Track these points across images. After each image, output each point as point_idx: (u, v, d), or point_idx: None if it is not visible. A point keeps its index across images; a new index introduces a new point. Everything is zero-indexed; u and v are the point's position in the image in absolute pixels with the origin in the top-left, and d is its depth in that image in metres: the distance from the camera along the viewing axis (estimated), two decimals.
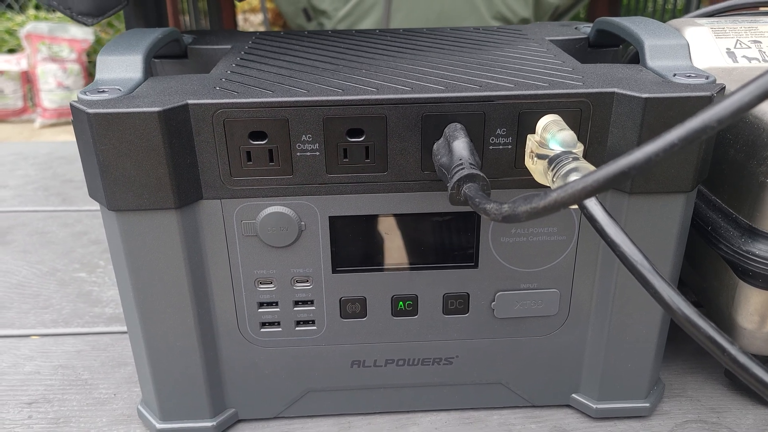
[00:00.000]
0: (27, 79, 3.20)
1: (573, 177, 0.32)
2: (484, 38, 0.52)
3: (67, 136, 2.78)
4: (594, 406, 0.46)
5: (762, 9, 0.58)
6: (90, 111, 0.35)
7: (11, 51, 3.23)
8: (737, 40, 0.51)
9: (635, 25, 0.45)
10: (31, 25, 3.05)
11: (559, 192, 0.26)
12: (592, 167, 0.33)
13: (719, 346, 0.28)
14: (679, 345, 0.54)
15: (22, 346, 0.56)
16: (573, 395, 0.47)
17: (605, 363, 0.45)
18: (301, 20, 2.00)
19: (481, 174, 0.33)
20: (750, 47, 0.51)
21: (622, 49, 0.54)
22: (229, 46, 0.51)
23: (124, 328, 0.58)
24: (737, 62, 0.49)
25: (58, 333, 0.58)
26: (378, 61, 0.44)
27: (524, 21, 1.91)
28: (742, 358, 0.27)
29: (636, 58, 0.58)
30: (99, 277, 0.67)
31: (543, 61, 0.44)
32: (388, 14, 1.61)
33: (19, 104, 3.24)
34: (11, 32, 3.22)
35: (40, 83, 3.13)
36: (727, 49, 0.50)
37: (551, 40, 0.51)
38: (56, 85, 3.12)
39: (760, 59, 0.50)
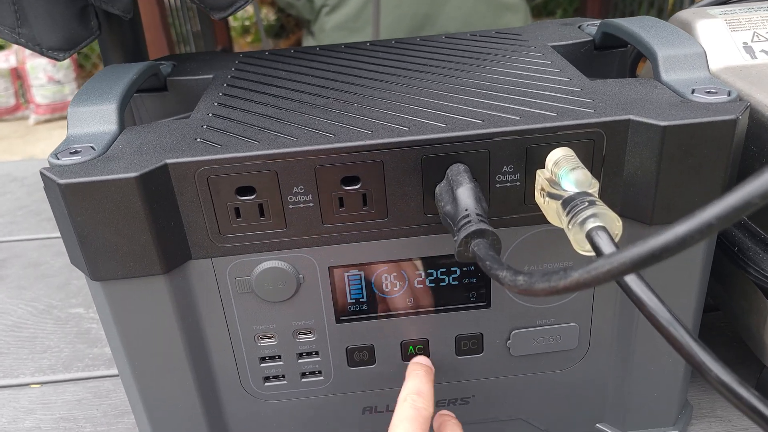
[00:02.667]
0: (17, 75, 3.16)
1: (591, 224, 0.30)
2: (482, 48, 0.48)
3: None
4: None
5: None
6: (61, 182, 0.32)
7: None
8: (754, 32, 0.48)
9: (645, 31, 0.41)
10: None
11: (581, 273, 0.23)
12: (611, 213, 0.30)
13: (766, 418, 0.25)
14: None
15: (21, 397, 0.54)
16: (597, 425, 0.45)
17: (630, 392, 0.43)
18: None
19: (490, 229, 0.31)
20: None
21: (629, 49, 0.51)
22: (210, 76, 0.47)
23: None
24: (756, 58, 0.46)
25: (58, 380, 0.56)
26: (370, 90, 0.41)
27: None
28: None
29: (641, 55, 0.54)
30: (96, 313, 0.64)
31: (549, 79, 0.40)
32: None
33: (12, 101, 3.20)
34: None
35: (31, 79, 3.08)
36: (744, 43, 0.47)
37: (554, 46, 0.48)
38: (47, 80, 3.08)
39: None
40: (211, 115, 0.39)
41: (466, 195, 0.33)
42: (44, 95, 3.11)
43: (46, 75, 3.10)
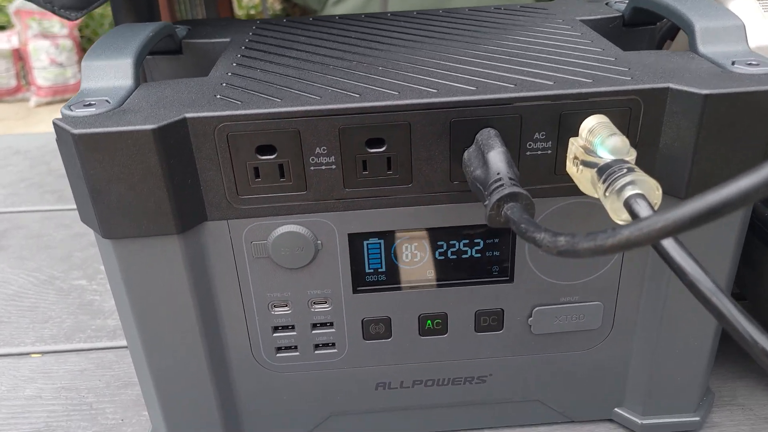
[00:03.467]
0: (19, 56, 3.13)
1: (629, 192, 0.28)
2: (508, 20, 0.47)
3: None
4: (639, 422, 0.43)
5: None
6: (75, 132, 0.31)
7: (1, 28, 3.15)
8: None
9: (680, 3, 0.40)
10: (20, 0, 2.96)
11: (632, 230, 0.22)
12: (650, 180, 0.29)
13: None
14: (724, 347, 0.50)
15: (21, 366, 0.53)
16: (616, 410, 0.44)
17: (652, 376, 0.41)
18: None
19: (524, 192, 0.29)
20: None
21: (657, 27, 0.49)
22: (227, 39, 0.46)
23: None
24: None
25: (60, 350, 0.54)
26: (395, 54, 0.40)
27: None
28: None
29: (669, 32, 0.53)
30: (100, 285, 0.63)
31: (580, 49, 0.39)
32: None
33: (13, 83, 3.17)
34: (1, 8, 3.13)
35: (33, 61, 3.05)
36: None
37: (583, 21, 0.46)
38: (49, 62, 3.05)
39: None
40: (230, 74, 0.38)
41: (498, 159, 0.31)
42: (46, 78, 3.09)
43: (48, 57, 3.07)
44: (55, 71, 3.12)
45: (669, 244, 0.26)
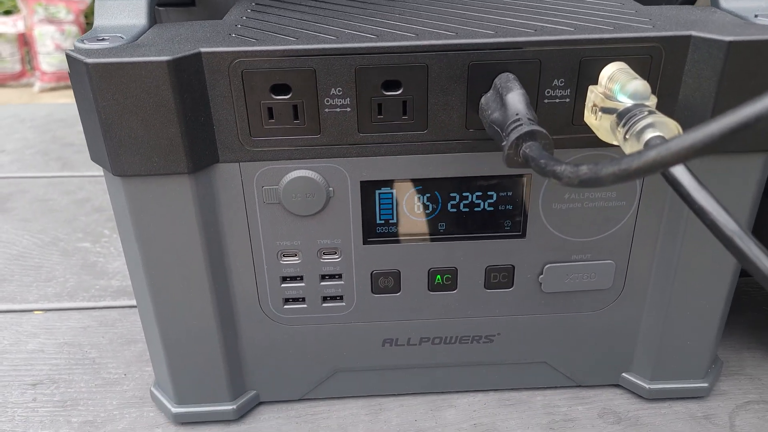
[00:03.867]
0: (24, 41, 3.12)
1: (649, 134, 0.28)
2: None
3: (67, 99, 2.72)
4: (647, 387, 0.42)
5: None
6: (89, 61, 0.31)
7: (7, 13, 3.15)
8: None
9: None
10: None
11: (660, 150, 0.22)
12: (671, 121, 0.28)
13: None
14: (733, 319, 0.49)
15: (24, 322, 0.52)
16: (623, 374, 0.43)
17: (662, 340, 0.41)
18: None
19: (543, 131, 0.29)
20: None
21: None
22: None
23: (133, 302, 0.54)
24: None
25: (63, 308, 0.54)
26: (416, 2, 0.39)
27: None
28: None
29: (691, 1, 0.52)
30: (104, 247, 0.62)
31: (600, 3, 0.38)
32: None
33: (17, 68, 3.17)
34: None
35: (38, 46, 3.05)
36: None
37: None
38: (54, 48, 3.05)
39: None
40: (245, 17, 0.37)
41: (517, 100, 0.31)
42: (50, 63, 3.08)
43: (53, 42, 3.07)
44: (60, 57, 3.12)
45: (688, 182, 0.25)
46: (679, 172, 0.26)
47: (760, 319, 0.50)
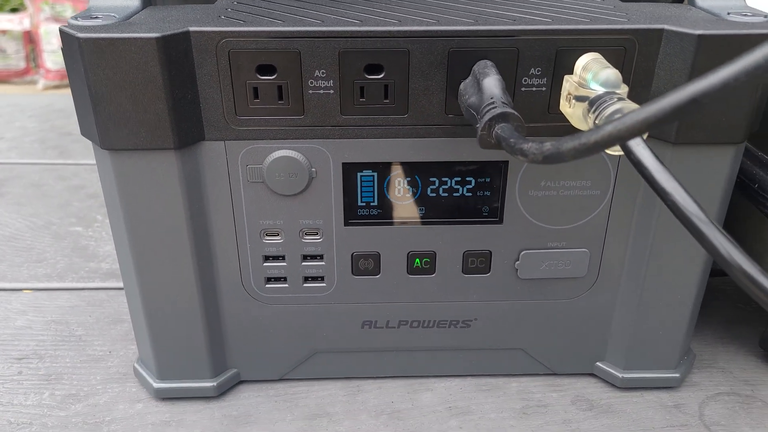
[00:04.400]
0: (30, 39, 3.14)
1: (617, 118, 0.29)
2: None
3: (71, 98, 2.73)
4: (620, 376, 0.43)
5: None
6: (81, 36, 0.32)
7: (14, 10, 3.17)
8: None
9: None
10: None
11: (616, 124, 0.23)
12: (639, 107, 0.29)
13: None
14: (709, 313, 0.50)
15: (13, 300, 0.53)
16: (597, 363, 0.44)
17: (634, 329, 0.42)
18: None
19: (515, 113, 0.30)
20: None
21: None
22: None
23: (121, 284, 0.54)
24: None
25: (52, 288, 0.55)
26: None
27: None
28: None
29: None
30: (96, 232, 0.63)
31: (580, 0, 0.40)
32: None
33: (22, 65, 3.18)
34: None
35: (43, 44, 3.06)
36: None
37: None
38: (59, 46, 3.06)
39: None
40: (236, 2, 0.39)
41: (492, 84, 0.32)
42: (55, 61, 3.09)
43: (58, 41, 3.09)
44: None
45: (651, 164, 0.26)
46: (644, 155, 0.26)
47: (735, 315, 0.51)
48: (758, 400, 0.43)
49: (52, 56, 3.08)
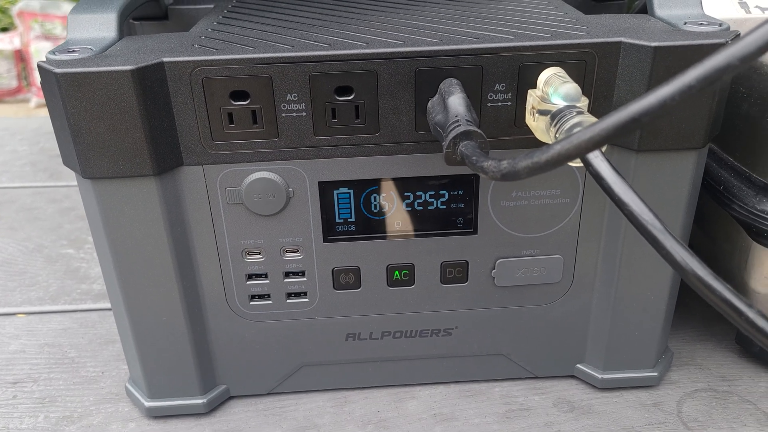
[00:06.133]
0: (21, 57, 3.16)
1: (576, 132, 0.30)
2: None
3: None
4: (600, 377, 0.44)
5: None
6: (58, 71, 0.33)
7: (4, 29, 3.18)
8: None
9: None
10: (23, 2, 2.99)
11: (563, 144, 0.24)
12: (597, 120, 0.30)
13: (736, 309, 0.25)
14: (687, 312, 0.52)
15: (7, 325, 0.54)
16: (578, 365, 0.45)
17: (611, 331, 0.43)
18: None
19: (479, 131, 0.31)
20: None
21: (627, 2, 0.51)
22: (211, 6, 0.48)
23: None
24: (750, 12, 0.47)
25: (45, 311, 0.56)
26: (369, 16, 0.42)
27: None
28: (761, 322, 0.25)
29: (643, 11, 0.55)
30: (87, 253, 0.64)
31: (544, 13, 0.41)
32: None
33: (14, 84, 3.19)
34: (3, 10, 3.16)
35: (34, 62, 3.07)
36: None
37: None
38: None
39: None
40: (210, 29, 0.40)
41: (457, 103, 0.33)
42: None
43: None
44: None
45: (598, 162, 0.27)
46: (602, 167, 0.28)
47: (712, 313, 0.52)
48: (734, 395, 0.44)
49: None
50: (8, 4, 3.15)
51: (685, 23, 0.37)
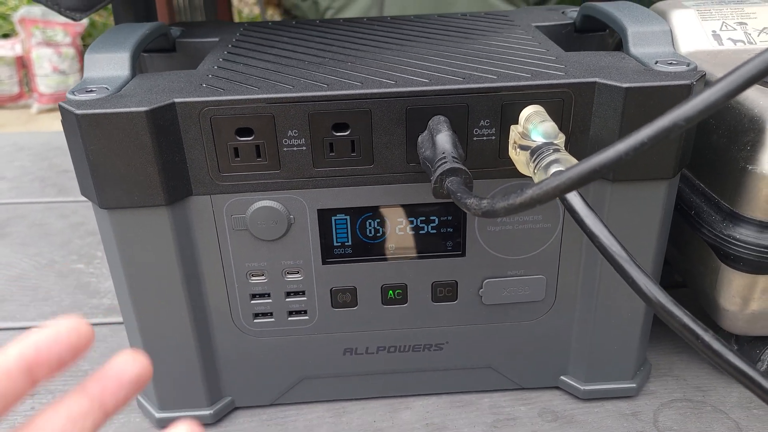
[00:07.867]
0: (22, 64, 3.19)
1: (554, 169, 0.33)
2: (471, 26, 0.52)
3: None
4: (582, 388, 0.47)
5: None
6: (78, 112, 0.36)
7: (5, 36, 3.21)
8: (723, 22, 0.51)
9: (619, 11, 0.45)
10: (25, 9, 3.02)
11: (535, 189, 0.27)
12: (572, 159, 0.33)
13: (694, 333, 0.29)
14: (665, 326, 0.54)
15: None
16: (561, 377, 0.48)
17: (592, 345, 0.46)
18: None
19: (464, 168, 0.34)
20: (735, 29, 0.51)
21: (608, 34, 0.54)
22: (216, 39, 0.51)
23: (122, 320, 0.59)
24: (722, 45, 0.50)
25: None
26: (364, 53, 0.45)
27: None
28: (716, 345, 0.28)
29: (620, 46, 0.58)
30: (96, 268, 0.67)
31: (528, 50, 0.44)
32: None
33: (15, 90, 3.23)
34: (5, 17, 3.19)
35: (36, 68, 3.11)
36: (713, 31, 0.51)
37: (538, 27, 0.51)
38: (52, 70, 3.10)
39: (746, 41, 0.50)
40: (216, 67, 0.43)
41: (444, 140, 0.36)
42: (48, 85, 3.14)
43: (50, 65, 3.12)
44: (58, 79, 3.17)
45: (572, 197, 0.30)
46: (575, 201, 0.30)
47: None
48: (708, 405, 0.47)
49: (45, 80, 3.12)
50: (10, 10, 3.19)
51: (656, 62, 0.40)
